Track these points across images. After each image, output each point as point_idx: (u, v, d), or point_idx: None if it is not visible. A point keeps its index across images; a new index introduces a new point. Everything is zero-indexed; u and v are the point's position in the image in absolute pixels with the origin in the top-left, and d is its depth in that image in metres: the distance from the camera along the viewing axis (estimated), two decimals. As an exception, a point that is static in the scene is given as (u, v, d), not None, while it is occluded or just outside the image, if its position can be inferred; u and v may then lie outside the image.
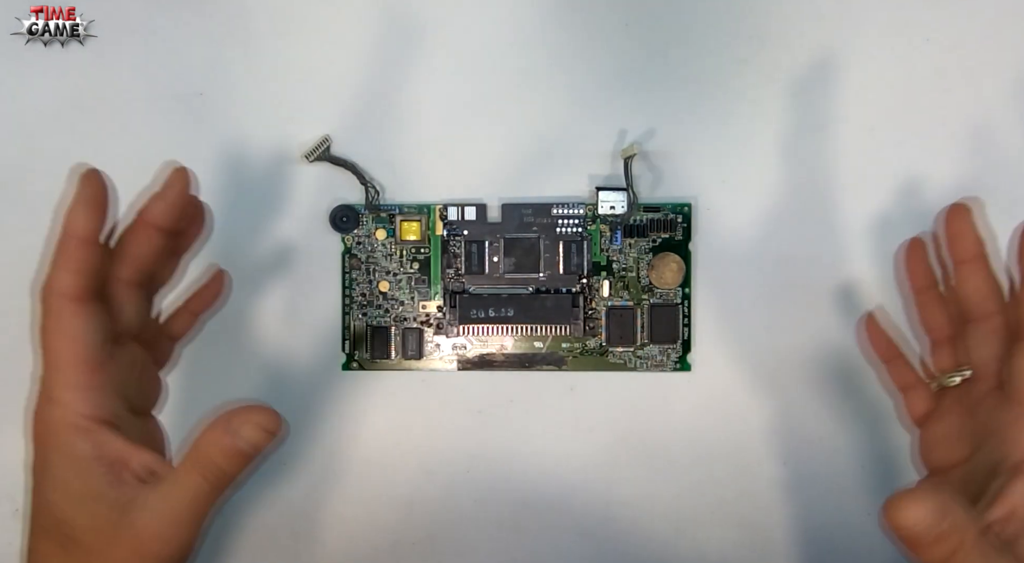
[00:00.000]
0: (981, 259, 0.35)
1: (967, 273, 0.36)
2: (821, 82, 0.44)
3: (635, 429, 0.44)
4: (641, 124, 0.44)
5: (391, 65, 0.44)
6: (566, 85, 0.44)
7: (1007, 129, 0.44)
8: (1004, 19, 0.44)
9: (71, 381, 0.32)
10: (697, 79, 0.44)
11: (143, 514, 0.31)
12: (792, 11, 0.44)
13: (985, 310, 0.35)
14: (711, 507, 0.44)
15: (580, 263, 0.44)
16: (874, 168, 0.44)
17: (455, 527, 0.44)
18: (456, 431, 0.44)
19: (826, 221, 0.44)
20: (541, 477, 0.44)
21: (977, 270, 0.35)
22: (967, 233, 0.36)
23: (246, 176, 0.44)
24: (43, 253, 0.44)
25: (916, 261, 0.39)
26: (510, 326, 0.44)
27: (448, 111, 0.44)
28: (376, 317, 0.44)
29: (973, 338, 0.36)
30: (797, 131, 0.44)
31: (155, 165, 0.44)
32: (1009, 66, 0.44)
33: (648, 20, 0.44)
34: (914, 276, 0.40)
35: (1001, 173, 0.44)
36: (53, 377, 0.32)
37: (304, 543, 0.44)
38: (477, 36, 0.44)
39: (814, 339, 0.44)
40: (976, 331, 0.36)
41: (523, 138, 0.44)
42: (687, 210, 0.44)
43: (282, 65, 0.44)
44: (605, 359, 0.44)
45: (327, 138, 0.44)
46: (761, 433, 0.44)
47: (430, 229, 0.44)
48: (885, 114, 0.44)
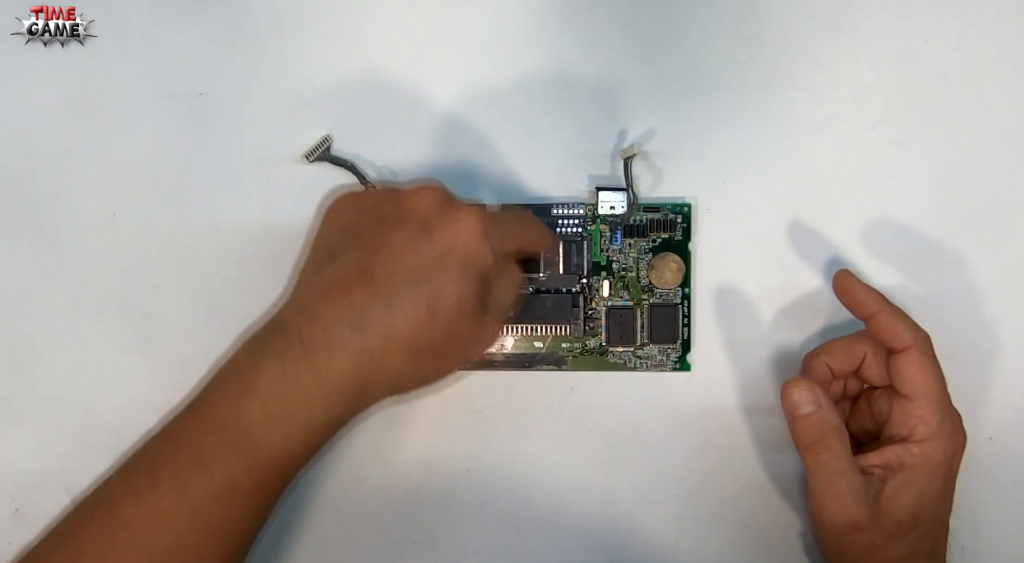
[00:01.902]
0: (883, 311, 0.40)
1: (875, 326, 0.40)
2: (821, 82, 0.44)
3: (635, 429, 0.44)
4: (641, 124, 0.44)
5: (391, 65, 0.44)
6: (566, 85, 0.44)
7: (1007, 129, 0.44)
8: (1004, 19, 0.44)
9: None
10: (697, 79, 0.44)
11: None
12: (792, 11, 0.44)
13: (902, 344, 0.40)
14: (711, 507, 0.44)
15: (580, 263, 0.44)
16: (874, 168, 0.44)
17: (455, 527, 0.44)
18: (456, 431, 0.44)
19: (826, 221, 0.44)
20: (541, 477, 0.44)
21: (883, 320, 0.40)
22: (859, 295, 0.41)
23: (246, 176, 0.44)
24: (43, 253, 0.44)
25: (845, 295, 0.42)
26: (510, 326, 0.44)
27: (448, 111, 0.44)
28: (376, 317, 0.44)
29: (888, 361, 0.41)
30: (796, 131, 0.44)
31: (155, 165, 0.44)
32: (1009, 66, 0.44)
33: (648, 20, 0.44)
34: (854, 308, 0.42)
35: (1001, 173, 0.44)
36: None
37: (304, 543, 0.44)
38: (477, 36, 0.44)
39: (814, 339, 0.44)
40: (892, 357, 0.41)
41: (523, 138, 0.44)
42: (687, 210, 0.44)
43: (282, 65, 0.44)
44: (605, 359, 0.44)
45: (327, 138, 0.44)
46: (761, 433, 0.44)
47: (430, 229, 0.44)
48: (885, 114, 0.44)
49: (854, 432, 0.42)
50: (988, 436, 0.44)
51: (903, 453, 0.39)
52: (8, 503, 0.45)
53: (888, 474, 0.39)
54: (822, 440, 0.39)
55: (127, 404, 0.44)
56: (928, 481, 0.39)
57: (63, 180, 0.44)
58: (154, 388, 0.44)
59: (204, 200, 0.44)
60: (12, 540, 0.45)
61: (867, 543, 0.39)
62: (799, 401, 0.39)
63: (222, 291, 0.44)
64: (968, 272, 0.44)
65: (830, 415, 0.39)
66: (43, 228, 0.44)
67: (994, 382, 0.44)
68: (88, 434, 0.44)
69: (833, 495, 0.39)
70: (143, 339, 0.44)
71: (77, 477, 0.45)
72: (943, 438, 0.39)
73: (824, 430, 0.39)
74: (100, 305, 0.44)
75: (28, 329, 0.44)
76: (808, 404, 0.39)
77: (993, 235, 0.44)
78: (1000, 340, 0.44)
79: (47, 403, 0.44)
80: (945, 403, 0.40)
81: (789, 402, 0.40)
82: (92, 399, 0.44)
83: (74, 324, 0.44)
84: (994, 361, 0.44)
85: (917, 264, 0.44)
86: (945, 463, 0.39)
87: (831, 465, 0.39)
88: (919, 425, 0.39)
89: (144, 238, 0.44)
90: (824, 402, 0.39)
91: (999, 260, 0.44)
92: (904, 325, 0.39)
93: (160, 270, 0.44)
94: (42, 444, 0.45)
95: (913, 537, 0.39)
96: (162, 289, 0.44)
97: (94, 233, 0.44)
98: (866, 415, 0.42)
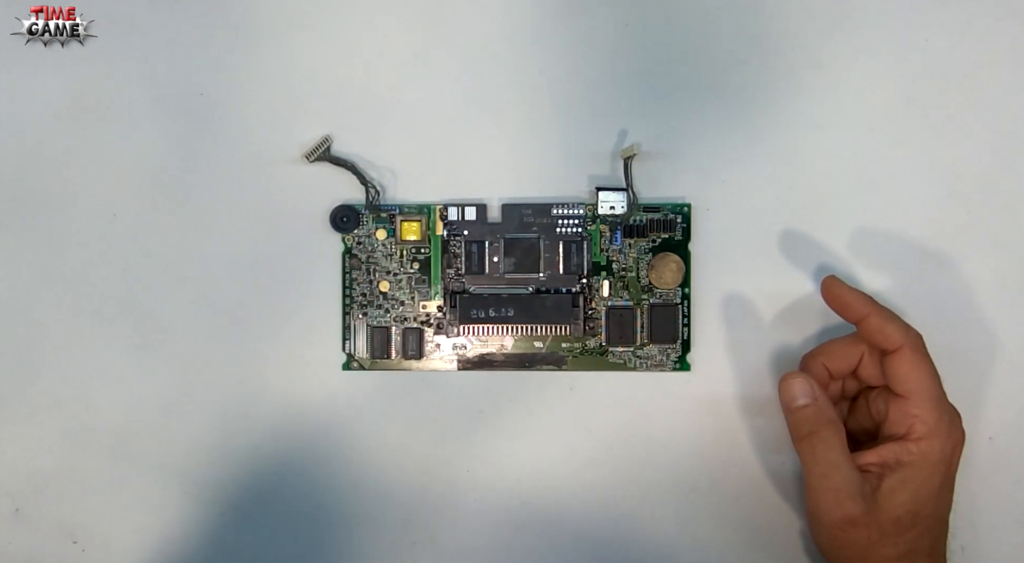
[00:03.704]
0: (873, 313, 0.40)
1: (866, 328, 0.40)
2: (820, 82, 0.44)
3: (635, 429, 0.44)
4: (641, 124, 0.44)
5: (391, 65, 0.44)
6: (566, 85, 0.44)
7: (1007, 129, 0.44)
8: (1004, 19, 0.44)
9: None
10: (697, 79, 0.44)
11: None
12: (791, 11, 0.44)
13: (894, 344, 0.40)
14: (711, 507, 0.44)
15: (580, 263, 0.44)
16: (874, 168, 0.44)
17: (455, 527, 0.44)
18: (456, 431, 0.44)
19: (825, 221, 0.44)
20: (541, 477, 0.44)
21: (874, 323, 0.40)
22: (847, 299, 0.41)
23: (246, 176, 0.44)
24: (43, 253, 0.44)
25: (834, 300, 0.42)
26: (510, 326, 0.44)
27: (448, 111, 0.44)
28: (376, 317, 0.44)
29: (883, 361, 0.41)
30: (796, 131, 0.44)
31: (155, 165, 0.44)
32: (1009, 66, 0.44)
33: (648, 20, 0.44)
34: (844, 312, 0.42)
35: (1001, 173, 0.44)
36: None
37: (305, 543, 0.44)
38: (477, 36, 0.44)
39: (813, 339, 0.44)
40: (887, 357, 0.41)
41: (523, 138, 0.44)
42: (687, 210, 0.44)
43: (282, 65, 0.44)
44: (605, 359, 0.44)
45: (327, 138, 0.44)
46: (761, 433, 0.44)
47: (430, 229, 0.44)
48: (885, 114, 0.44)
49: (853, 432, 0.42)
50: (988, 436, 0.44)
51: (900, 451, 0.39)
52: (8, 503, 0.45)
53: (885, 472, 0.39)
54: (817, 432, 0.39)
55: (127, 404, 0.44)
56: (926, 479, 0.39)
57: (63, 180, 0.44)
58: (154, 388, 0.44)
59: (204, 200, 0.44)
60: (12, 540, 0.45)
61: (864, 539, 0.39)
62: (796, 393, 0.40)
63: (222, 291, 0.44)
64: (968, 272, 0.44)
65: (826, 408, 0.40)
66: (43, 228, 0.44)
67: (993, 382, 0.44)
68: (88, 434, 0.45)
69: (828, 488, 0.39)
70: (143, 339, 0.44)
71: (77, 477, 0.45)
72: (941, 436, 0.39)
73: (820, 422, 0.39)
74: (100, 305, 0.44)
75: (28, 329, 0.44)
76: (804, 396, 0.40)
77: (994, 235, 0.44)
78: (999, 340, 0.44)
79: (47, 403, 0.45)
80: (942, 401, 0.40)
81: (786, 394, 0.40)
82: (92, 399, 0.45)
83: (74, 324, 0.44)
84: (993, 361, 0.44)
85: (916, 263, 0.44)
86: (944, 461, 0.39)
87: (826, 458, 0.39)
88: (916, 423, 0.39)
89: (144, 238, 0.44)
90: (820, 396, 0.40)
91: (999, 260, 0.44)
92: (895, 326, 0.40)
93: (160, 270, 0.44)
94: (42, 444, 0.45)
95: (912, 535, 0.39)
96: (162, 289, 0.44)
97: (94, 233, 0.44)
98: (864, 415, 0.42)
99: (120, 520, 0.45)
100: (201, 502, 0.45)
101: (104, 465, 0.45)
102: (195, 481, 0.45)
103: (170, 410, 0.44)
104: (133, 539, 0.45)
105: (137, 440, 0.45)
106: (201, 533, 0.45)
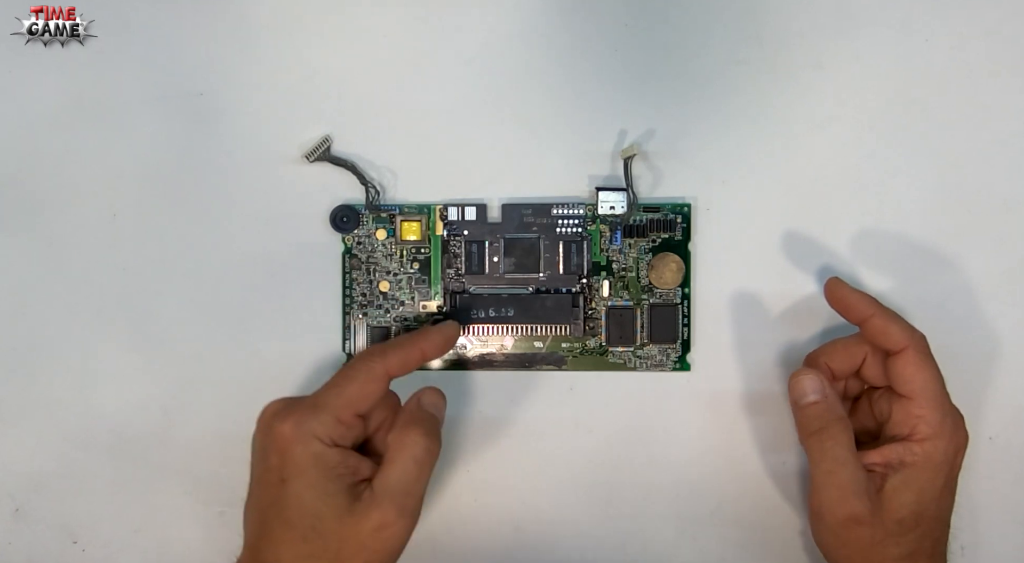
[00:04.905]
0: (876, 314, 0.40)
1: (870, 330, 0.40)
2: (820, 82, 0.44)
3: (635, 429, 0.44)
4: (641, 124, 0.44)
5: (391, 65, 0.44)
6: (566, 85, 0.44)
7: (1007, 130, 0.44)
8: (1004, 19, 0.44)
9: None
10: (697, 79, 0.44)
11: (377, 491, 0.37)
12: (791, 11, 0.44)
13: (898, 345, 0.40)
14: (711, 507, 0.44)
15: (580, 263, 0.44)
16: (873, 168, 0.44)
17: (455, 527, 0.44)
18: (456, 431, 0.44)
19: (825, 222, 0.44)
20: (541, 477, 0.44)
21: (877, 324, 0.40)
22: (851, 301, 0.41)
23: (246, 176, 0.44)
24: (43, 253, 0.44)
25: (838, 302, 0.42)
26: (510, 326, 0.44)
27: (448, 111, 0.44)
28: (376, 317, 0.44)
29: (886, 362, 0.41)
30: (796, 131, 0.44)
31: (155, 165, 0.44)
32: (1009, 66, 0.44)
33: (648, 20, 0.44)
34: (848, 314, 0.41)
35: (1002, 173, 0.44)
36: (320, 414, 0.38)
37: (304, 543, 0.44)
38: (477, 36, 0.44)
39: (814, 339, 0.44)
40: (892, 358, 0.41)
41: (523, 138, 0.44)
42: (687, 210, 0.44)
43: (282, 65, 0.44)
44: (605, 359, 0.44)
45: (327, 138, 0.44)
46: (761, 433, 0.44)
47: (430, 229, 0.44)
48: (885, 114, 0.44)
49: (856, 432, 0.42)
50: (988, 436, 0.44)
51: (904, 451, 0.39)
52: (8, 503, 0.45)
53: (889, 472, 0.39)
54: (827, 429, 0.39)
55: (127, 404, 0.44)
56: (929, 480, 0.39)
57: (63, 180, 0.44)
58: (154, 388, 0.44)
59: (204, 200, 0.44)
60: (12, 540, 0.45)
61: (867, 539, 0.39)
62: (806, 389, 0.40)
63: (222, 291, 0.44)
64: (968, 272, 0.44)
65: (836, 405, 0.40)
66: (43, 228, 0.44)
67: (994, 382, 0.44)
68: (88, 434, 0.45)
69: (835, 485, 0.39)
70: (143, 339, 0.44)
71: (77, 477, 0.45)
72: (944, 437, 0.39)
73: (829, 419, 0.39)
74: (100, 305, 0.44)
75: (28, 329, 0.44)
76: (814, 393, 0.40)
77: (994, 235, 0.44)
78: (1000, 340, 0.44)
79: (47, 403, 0.45)
80: (945, 402, 0.40)
81: (796, 390, 0.40)
82: (92, 399, 0.45)
83: (74, 324, 0.44)
84: (994, 361, 0.44)
85: (917, 263, 0.44)
86: (947, 462, 0.39)
87: (834, 453, 0.39)
88: (920, 424, 0.39)
89: (144, 238, 0.44)
90: (830, 393, 0.40)
91: (999, 260, 0.44)
92: (898, 327, 0.40)
93: (160, 270, 0.44)
94: (42, 444, 0.45)
95: (915, 536, 0.39)
96: (162, 289, 0.44)
97: (94, 233, 0.44)
98: (867, 415, 0.42)
99: (120, 520, 0.45)
100: (201, 502, 0.45)
101: (104, 465, 0.45)
102: (195, 481, 0.45)
103: (170, 410, 0.44)
104: (133, 539, 0.45)
105: (137, 440, 0.45)
106: (201, 533, 0.45)
